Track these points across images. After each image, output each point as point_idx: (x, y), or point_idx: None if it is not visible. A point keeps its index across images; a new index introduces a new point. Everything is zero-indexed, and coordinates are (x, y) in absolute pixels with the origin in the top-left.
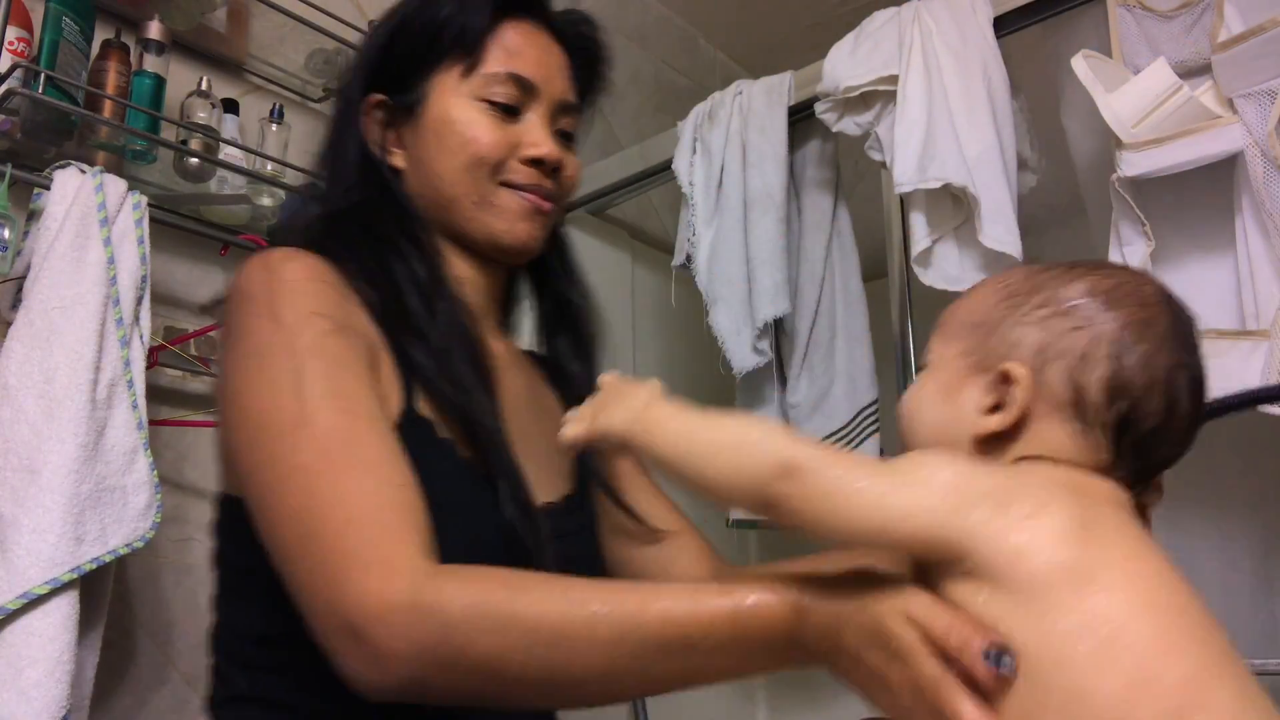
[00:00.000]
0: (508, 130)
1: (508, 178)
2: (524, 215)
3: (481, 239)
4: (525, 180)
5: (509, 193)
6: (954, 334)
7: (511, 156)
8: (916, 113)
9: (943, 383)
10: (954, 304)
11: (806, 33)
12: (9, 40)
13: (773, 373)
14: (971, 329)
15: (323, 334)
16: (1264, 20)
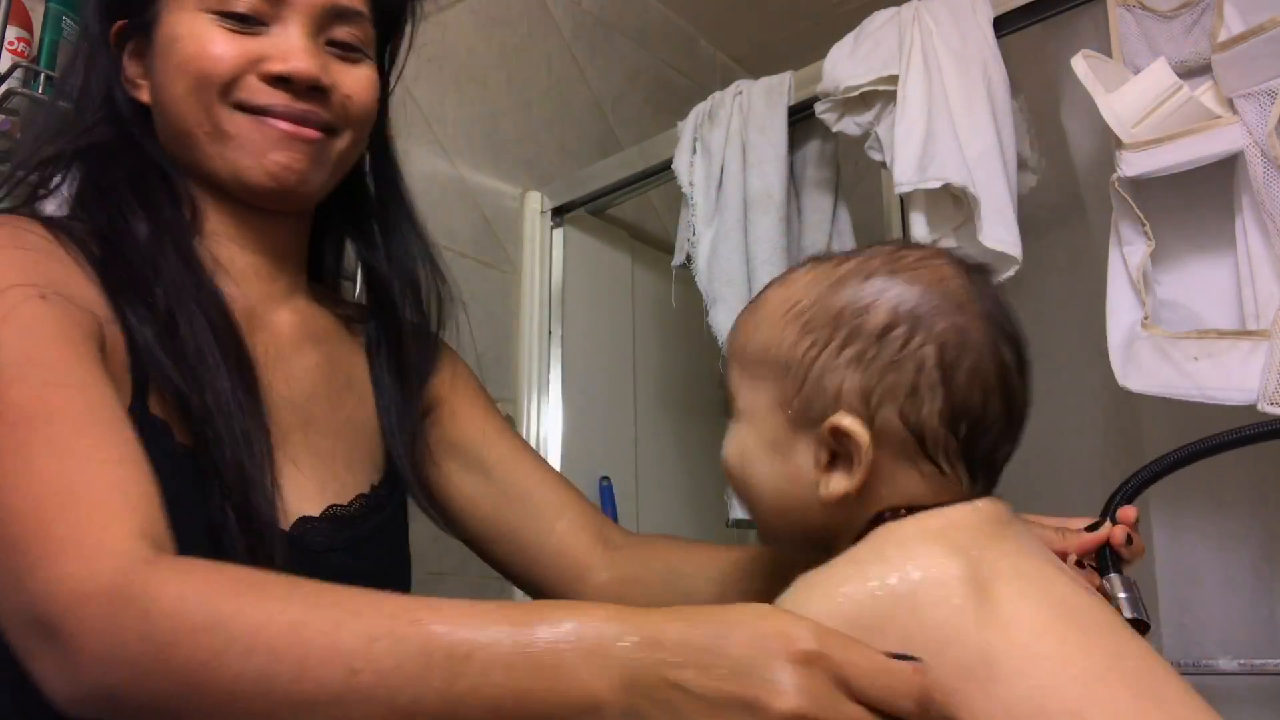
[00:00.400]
0: (246, 43)
1: (242, 98)
2: (276, 143)
3: (227, 178)
4: (267, 101)
5: (247, 118)
6: (758, 376)
7: (249, 72)
8: (916, 113)
9: (766, 438)
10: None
11: (806, 33)
12: (9, 40)
13: None
14: (778, 373)
15: (20, 301)
16: (1264, 20)
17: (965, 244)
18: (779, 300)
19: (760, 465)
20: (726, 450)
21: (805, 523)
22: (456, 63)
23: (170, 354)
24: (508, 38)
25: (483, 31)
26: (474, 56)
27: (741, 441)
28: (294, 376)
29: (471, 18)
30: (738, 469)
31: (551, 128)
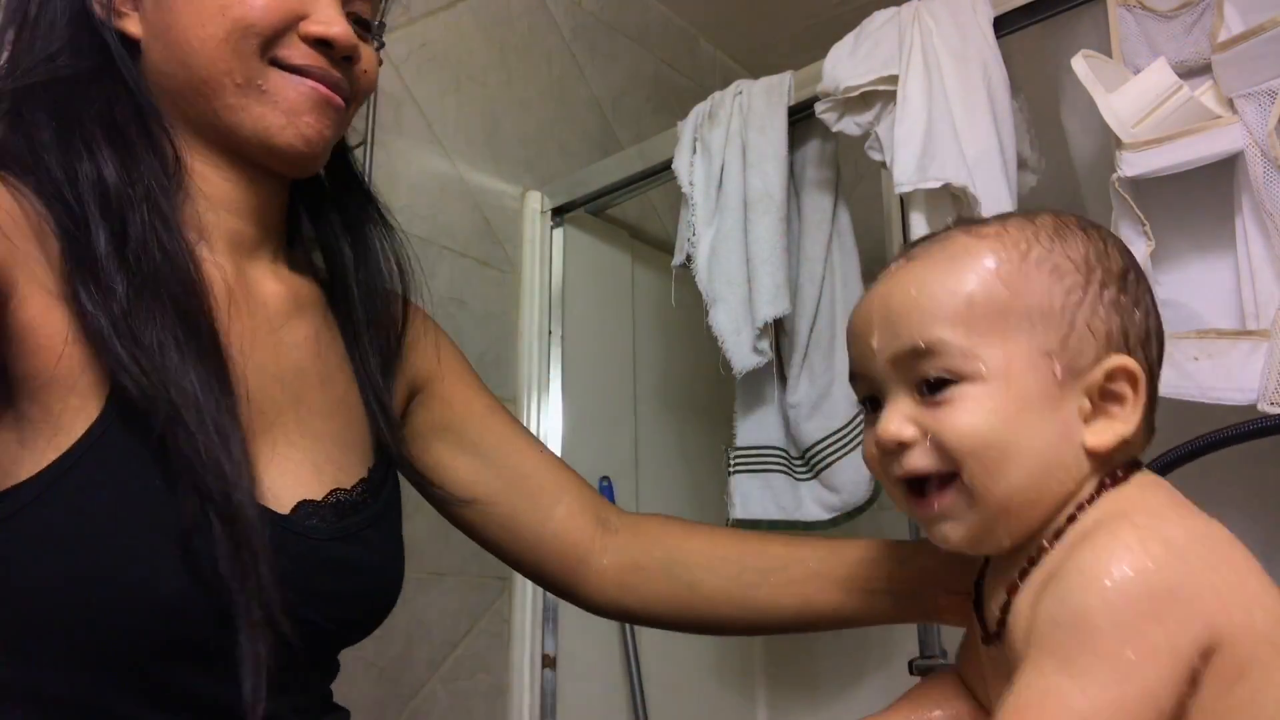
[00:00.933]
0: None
1: (281, 55)
2: (310, 105)
3: (249, 134)
4: (308, 62)
5: (284, 75)
6: (1003, 330)
7: (290, 29)
8: (916, 113)
9: (1028, 394)
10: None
11: (806, 33)
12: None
13: (773, 373)
14: (1033, 322)
15: None
16: (1264, 20)
17: None
18: (996, 251)
19: (1027, 426)
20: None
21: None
22: (456, 63)
23: (128, 345)
24: (508, 38)
25: (483, 31)
26: (474, 56)
27: (994, 406)
28: (283, 352)
29: (471, 18)
30: (996, 438)
31: (551, 128)
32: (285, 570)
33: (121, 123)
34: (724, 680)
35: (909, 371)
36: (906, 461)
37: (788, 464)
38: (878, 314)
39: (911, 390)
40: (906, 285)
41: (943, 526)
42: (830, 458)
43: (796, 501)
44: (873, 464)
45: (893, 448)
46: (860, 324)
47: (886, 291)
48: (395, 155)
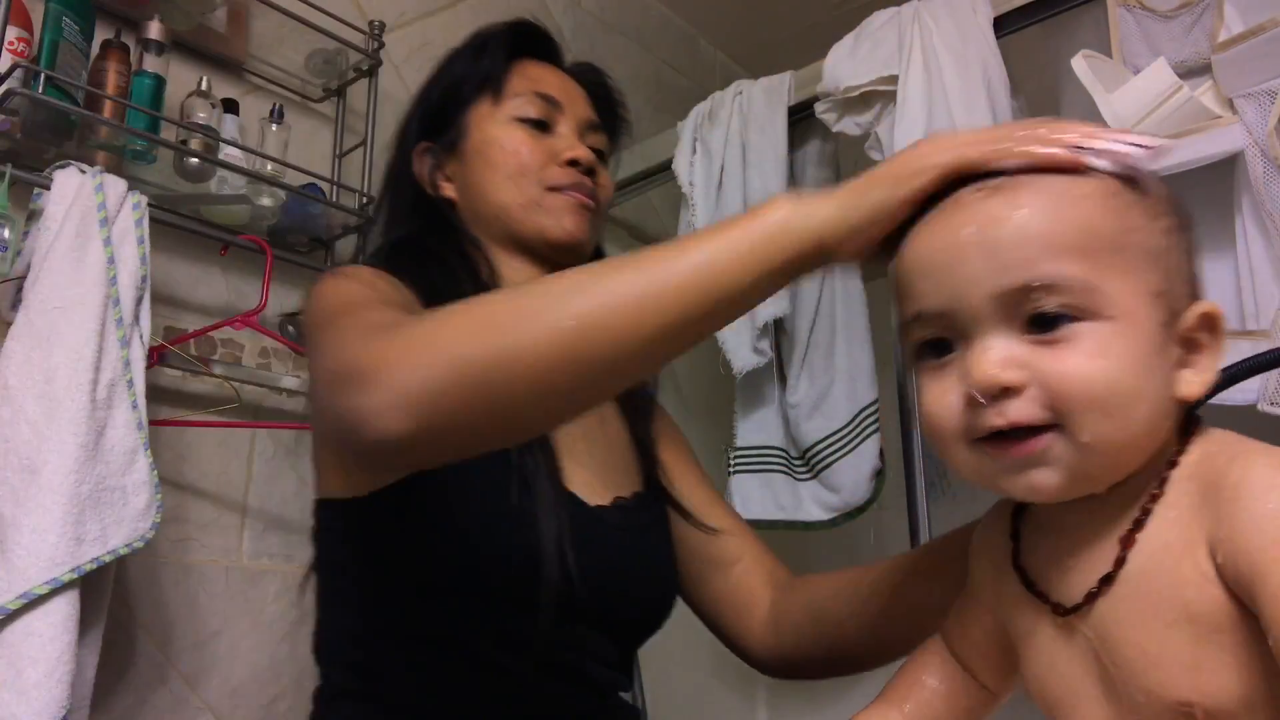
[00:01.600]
0: (543, 142)
1: (550, 182)
2: (569, 210)
3: (533, 236)
4: (566, 180)
5: (553, 195)
6: (1123, 268)
7: (551, 163)
8: (916, 113)
9: (1146, 336)
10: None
11: (806, 33)
12: (9, 40)
13: (773, 373)
14: (1147, 260)
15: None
16: (1264, 20)
17: None
18: (1105, 181)
19: (1146, 372)
20: (1095, 365)
21: (1158, 440)
22: None
23: None
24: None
25: None
26: None
27: (1120, 349)
28: None
29: (471, 18)
30: (1122, 385)
31: None
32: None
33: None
34: (724, 680)
35: (1016, 307)
36: (1010, 410)
37: (788, 464)
38: (974, 243)
39: (1015, 329)
40: (1013, 213)
41: (1035, 474)
42: (830, 458)
43: (796, 501)
44: (943, 419)
45: (994, 393)
46: (944, 255)
47: (984, 220)
48: None
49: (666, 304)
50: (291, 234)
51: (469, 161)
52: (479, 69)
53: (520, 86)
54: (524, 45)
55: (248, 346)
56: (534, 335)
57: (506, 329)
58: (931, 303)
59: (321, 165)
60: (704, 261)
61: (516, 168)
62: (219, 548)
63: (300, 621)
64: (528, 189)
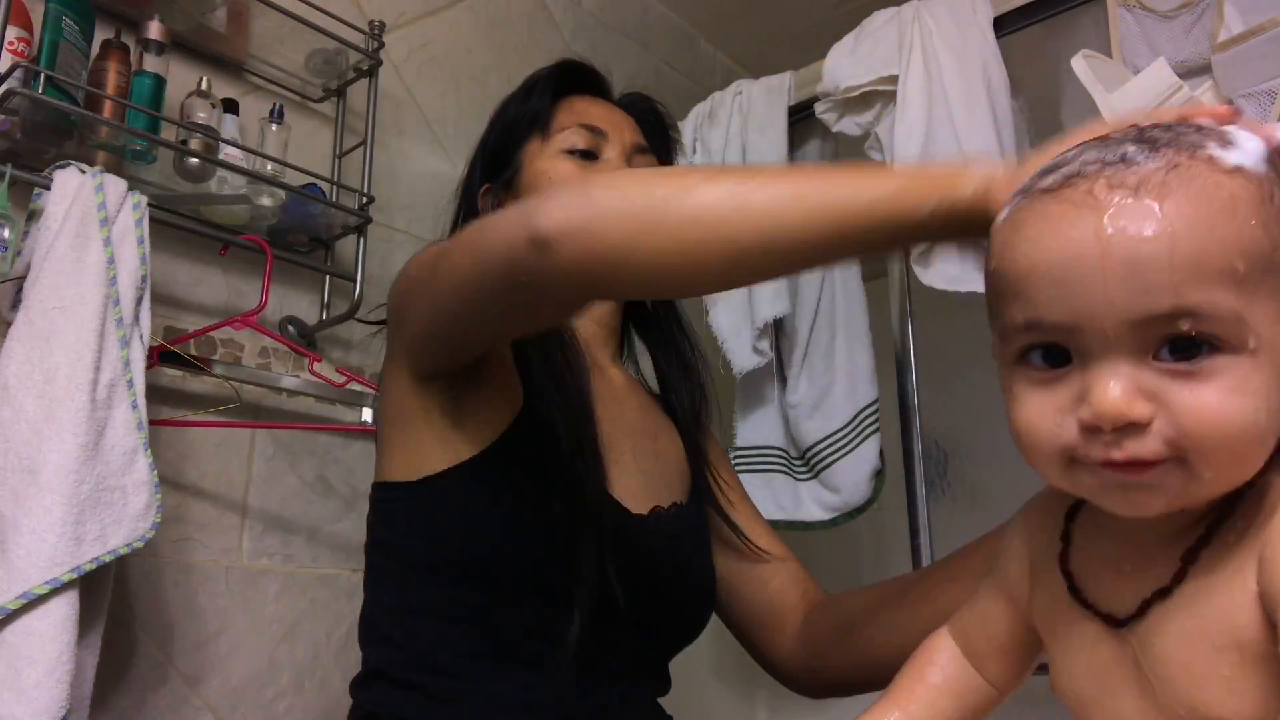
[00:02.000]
0: (590, 170)
1: None
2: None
3: None
4: None
5: None
6: (1273, 289)
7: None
8: (916, 113)
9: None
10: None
11: (806, 33)
12: (9, 40)
13: (773, 373)
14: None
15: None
16: (1264, 20)
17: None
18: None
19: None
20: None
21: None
22: (456, 63)
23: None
24: (508, 38)
25: (483, 31)
26: (474, 56)
27: (1257, 387)
28: (625, 412)
29: (471, 18)
30: (1256, 427)
31: None
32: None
33: None
34: (724, 680)
35: (1151, 335)
36: (1129, 445)
37: (788, 464)
38: (1115, 259)
39: (1145, 354)
40: (1160, 224)
41: (1139, 496)
42: (830, 458)
43: (796, 501)
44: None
45: (1118, 426)
46: (1075, 264)
47: (1125, 229)
48: (395, 155)
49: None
50: (291, 234)
51: (524, 197)
52: (528, 108)
53: (567, 120)
54: (571, 82)
55: (248, 346)
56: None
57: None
58: (1054, 315)
59: (321, 165)
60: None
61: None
62: (219, 548)
63: (300, 621)
64: None
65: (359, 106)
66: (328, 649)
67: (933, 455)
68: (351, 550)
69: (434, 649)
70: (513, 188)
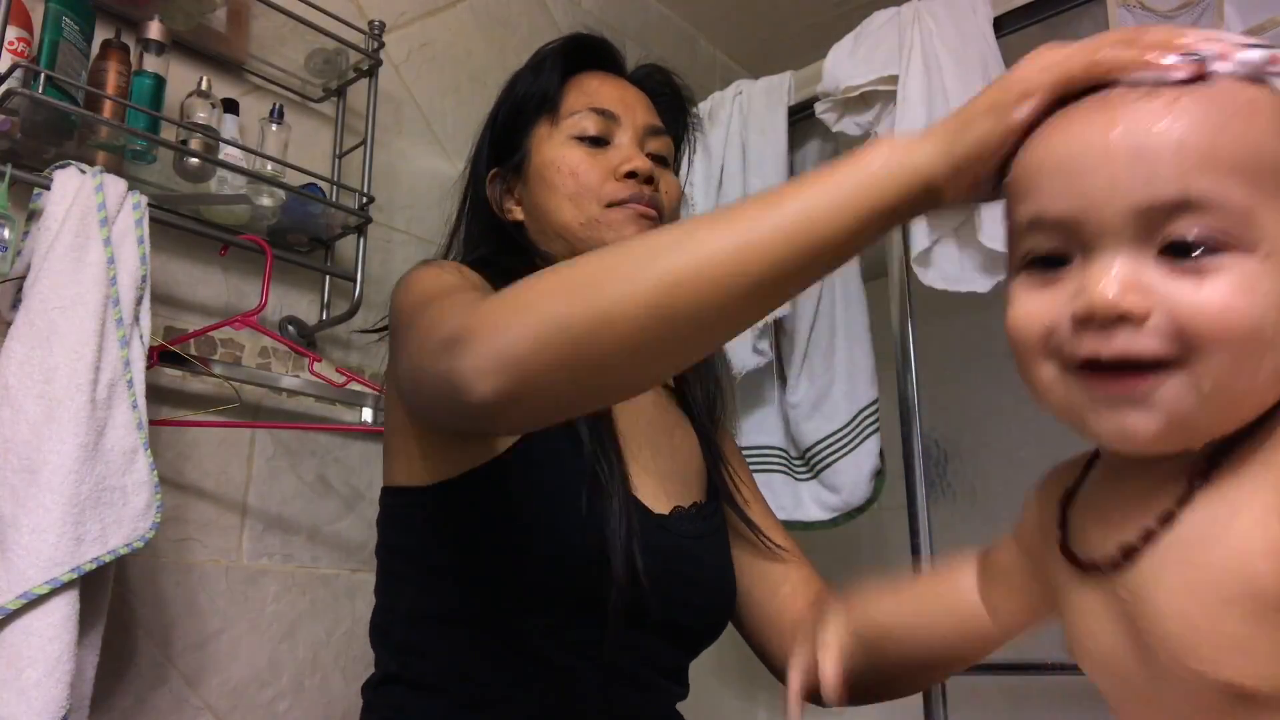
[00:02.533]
0: (601, 157)
1: (609, 198)
2: (629, 222)
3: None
4: (625, 194)
5: (612, 210)
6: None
7: (609, 179)
8: (916, 113)
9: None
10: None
11: (806, 33)
12: (9, 40)
13: (773, 373)
14: None
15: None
16: (1264, 20)
17: (965, 244)
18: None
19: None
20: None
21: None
22: (456, 63)
23: None
24: (508, 38)
25: (483, 31)
26: (474, 57)
27: (1271, 288)
28: (642, 410)
29: (471, 18)
30: (1263, 327)
31: None
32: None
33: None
34: (724, 680)
35: (1156, 227)
36: (1119, 339)
37: (788, 464)
38: (1122, 145)
39: (1148, 251)
40: (1170, 120)
41: (1131, 416)
42: (830, 458)
43: (796, 501)
44: (1033, 331)
45: (1109, 318)
46: (1082, 154)
47: (1137, 120)
48: (395, 155)
49: (762, 258)
50: (291, 234)
51: (532, 185)
52: (537, 88)
53: (577, 103)
54: (581, 58)
55: (248, 346)
56: (624, 294)
57: (598, 288)
58: (1057, 206)
59: (321, 165)
60: (800, 212)
61: (575, 189)
62: (219, 548)
63: (300, 621)
64: (587, 208)
65: (359, 106)
66: (328, 649)
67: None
68: (351, 550)
69: (457, 655)
70: (522, 173)
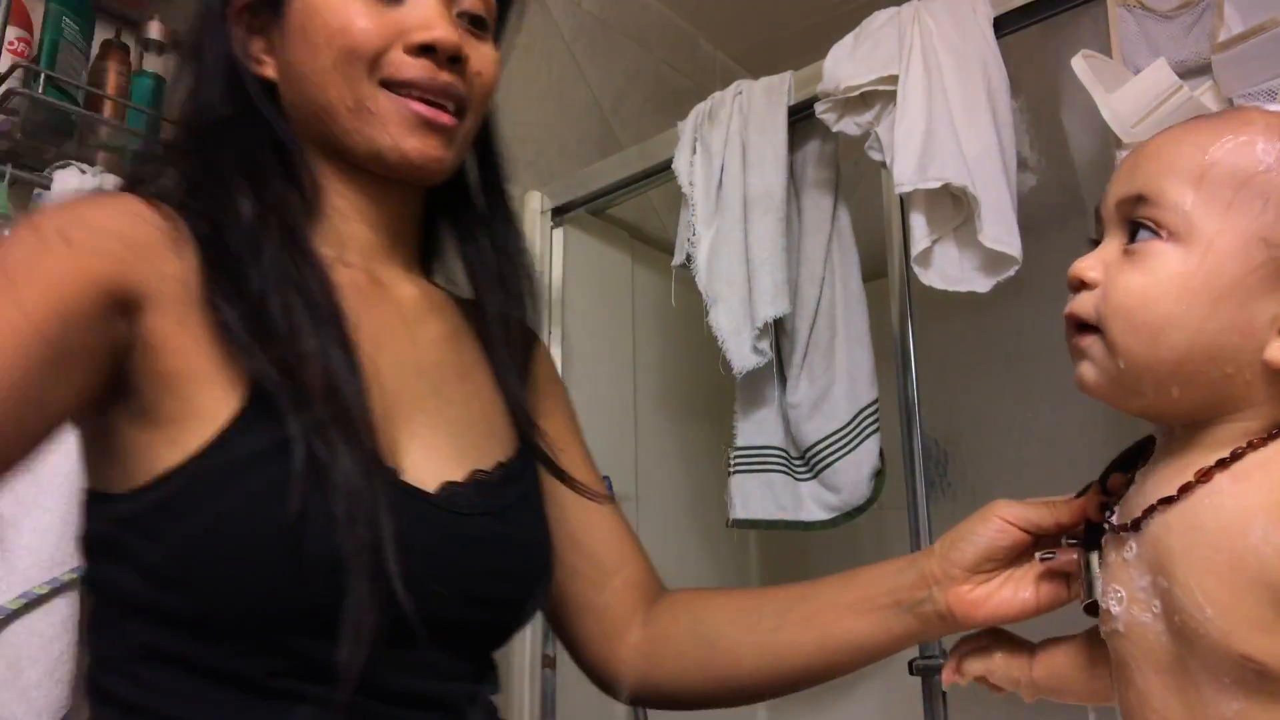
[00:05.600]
0: (387, 15)
1: (388, 73)
2: (410, 127)
3: (364, 154)
4: (413, 74)
5: (388, 97)
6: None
7: (394, 45)
8: (916, 113)
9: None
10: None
11: (806, 33)
12: (9, 40)
13: (773, 373)
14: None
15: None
16: (1264, 20)
17: (965, 244)
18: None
19: (1198, 304)
20: (1140, 283)
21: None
22: None
23: (259, 337)
24: (508, 37)
25: None
26: None
27: (1180, 272)
28: (421, 345)
29: None
30: (1153, 309)
31: (551, 128)
32: (435, 546)
33: (261, 159)
34: None
35: (1126, 216)
36: (1074, 302)
37: (788, 464)
38: (1130, 158)
39: (1124, 236)
40: (1163, 137)
41: (1082, 365)
42: (830, 458)
43: (796, 501)
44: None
45: (1074, 285)
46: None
47: (1147, 144)
48: None
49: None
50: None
51: (290, 33)
52: None
53: None
54: None
55: None
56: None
57: None
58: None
59: None
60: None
61: (342, 51)
62: None
63: None
64: (357, 83)
65: None
66: None
67: (933, 455)
68: None
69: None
70: (280, 16)
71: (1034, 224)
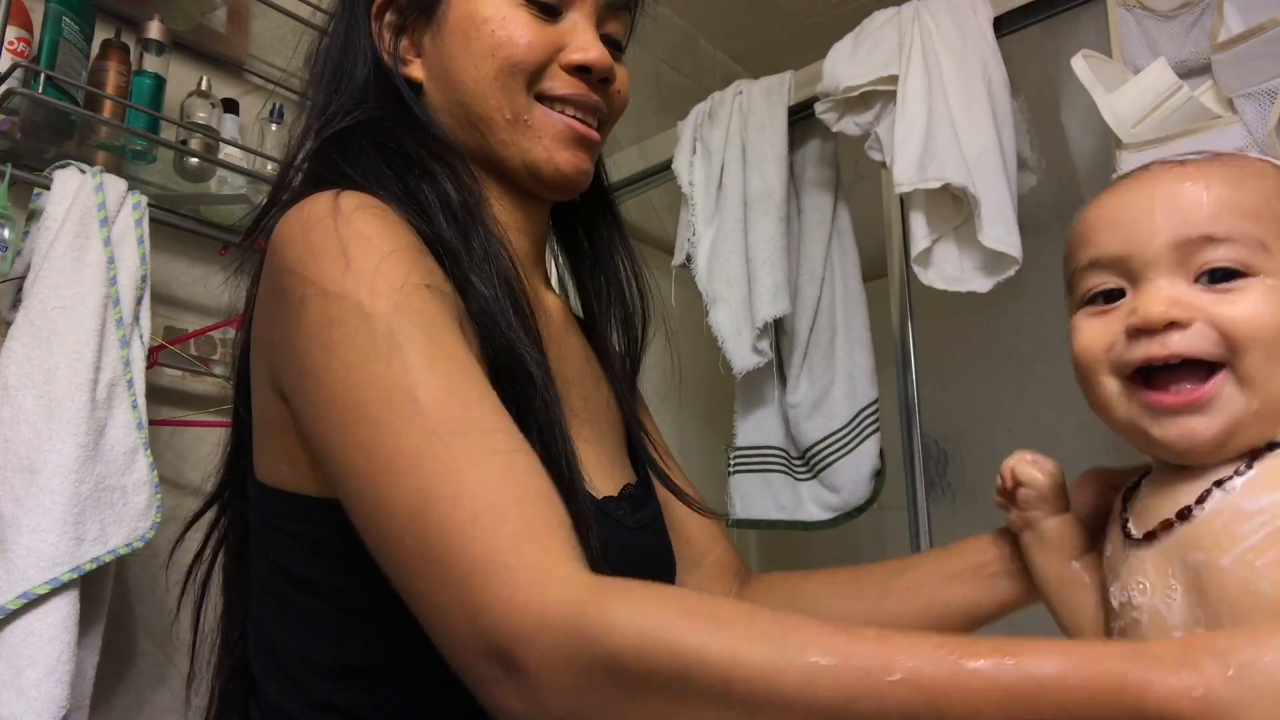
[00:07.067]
0: (548, 31)
1: (545, 88)
2: (566, 142)
3: (519, 166)
4: (568, 91)
5: (544, 111)
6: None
7: (552, 61)
8: (916, 113)
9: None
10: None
11: (806, 33)
12: (9, 40)
13: (773, 373)
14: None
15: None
16: (1264, 20)
17: (965, 244)
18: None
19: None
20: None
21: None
22: None
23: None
24: None
25: None
26: None
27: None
28: (568, 357)
29: None
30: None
31: None
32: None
33: (435, 152)
34: None
35: (1190, 258)
36: (1173, 341)
37: (788, 464)
38: (1160, 201)
39: (1185, 278)
40: (1198, 180)
41: (1193, 420)
42: (830, 458)
43: (796, 501)
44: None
45: (1158, 327)
46: (1128, 209)
47: (1169, 185)
48: None
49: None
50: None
51: (446, 38)
52: None
53: None
54: None
55: None
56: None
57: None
58: (1109, 249)
59: None
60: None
61: (505, 63)
62: None
63: None
64: (516, 96)
65: None
66: None
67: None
68: None
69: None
70: (434, 19)
71: (1034, 224)
